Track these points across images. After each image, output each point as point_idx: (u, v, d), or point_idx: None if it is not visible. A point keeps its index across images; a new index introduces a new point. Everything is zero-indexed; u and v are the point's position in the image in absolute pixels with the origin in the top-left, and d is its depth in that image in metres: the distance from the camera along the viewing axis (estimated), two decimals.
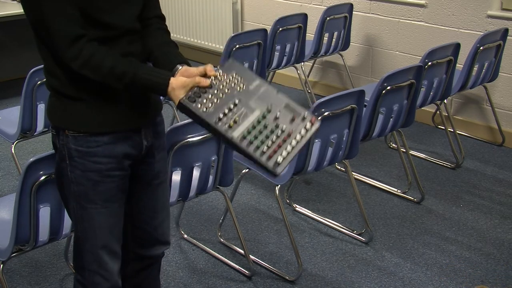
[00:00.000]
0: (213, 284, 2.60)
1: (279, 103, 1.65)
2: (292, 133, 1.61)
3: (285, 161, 1.56)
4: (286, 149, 1.58)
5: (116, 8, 1.62)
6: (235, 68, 1.67)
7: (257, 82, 1.66)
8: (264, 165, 1.54)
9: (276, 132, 1.60)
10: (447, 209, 3.19)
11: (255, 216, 3.13)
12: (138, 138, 1.71)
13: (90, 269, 1.74)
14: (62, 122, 1.66)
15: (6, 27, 4.94)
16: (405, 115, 2.99)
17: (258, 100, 1.63)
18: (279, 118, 1.62)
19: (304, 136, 1.62)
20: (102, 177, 1.66)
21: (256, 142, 1.56)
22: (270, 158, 1.55)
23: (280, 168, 1.54)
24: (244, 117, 1.59)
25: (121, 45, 1.64)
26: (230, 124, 1.56)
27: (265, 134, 1.58)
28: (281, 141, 1.58)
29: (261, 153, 1.55)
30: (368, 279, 2.63)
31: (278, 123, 1.61)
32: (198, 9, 5.47)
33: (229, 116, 1.57)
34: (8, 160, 3.70)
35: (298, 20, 3.92)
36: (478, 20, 3.89)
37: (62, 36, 1.53)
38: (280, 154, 1.56)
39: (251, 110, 1.61)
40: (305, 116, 1.66)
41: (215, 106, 1.57)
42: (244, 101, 1.61)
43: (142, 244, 1.90)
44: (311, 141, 2.44)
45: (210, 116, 1.55)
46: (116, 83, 1.58)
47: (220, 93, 1.60)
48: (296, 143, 1.60)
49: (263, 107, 1.62)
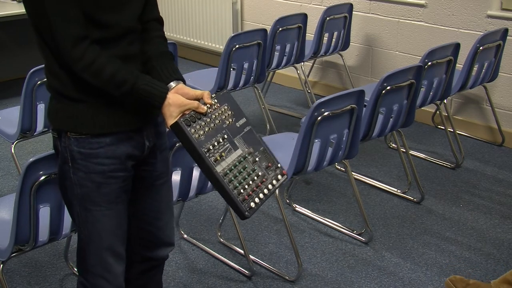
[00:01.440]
0: (213, 284, 2.60)
1: (258, 147, 1.71)
2: (265, 181, 1.67)
3: (256, 207, 1.62)
4: (259, 196, 1.64)
5: (118, 7, 1.61)
6: (228, 101, 1.71)
7: (243, 121, 1.71)
8: (238, 205, 1.58)
9: (253, 176, 1.65)
10: (447, 209, 3.19)
11: (255, 216, 3.13)
12: (140, 138, 1.71)
13: (94, 272, 1.73)
14: (63, 125, 1.65)
15: (6, 27, 4.94)
16: (405, 115, 2.99)
17: (241, 140, 1.68)
18: (257, 162, 1.68)
19: (274, 186, 1.70)
20: (106, 178, 1.66)
21: (235, 182, 1.60)
22: (244, 201, 1.60)
23: (251, 213, 1.60)
24: (228, 153, 1.63)
25: (122, 46, 1.64)
26: (216, 158, 1.59)
27: (243, 176, 1.63)
28: (255, 187, 1.64)
29: (238, 193, 1.59)
30: (368, 279, 2.63)
31: (255, 167, 1.67)
32: (198, 9, 5.47)
33: (217, 149, 1.60)
34: (8, 160, 3.70)
35: (298, 20, 3.92)
36: (478, 20, 3.89)
37: (65, 37, 1.52)
38: (253, 200, 1.61)
39: (234, 148, 1.65)
40: (278, 166, 1.73)
41: (206, 135, 1.60)
42: (230, 137, 1.65)
43: (147, 246, 1.90)
44: (311, 141, 2.45)
45: (201, 144, 1.57)
46: (114, 91, 1.58)
47: (212, 123, 1.63)
48: (267, 192, 1.67)
49: (245, 148, 1.67)
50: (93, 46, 1.56)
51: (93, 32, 1.57)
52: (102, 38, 1.59)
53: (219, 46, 5.32)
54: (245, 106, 4.67)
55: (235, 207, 1.59)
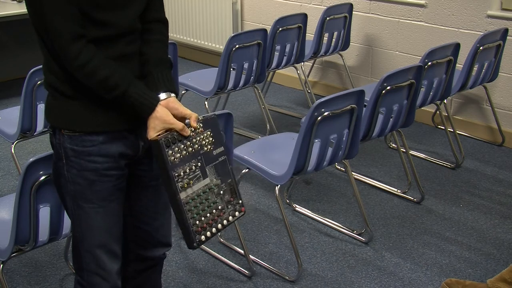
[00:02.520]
0: (213, 284, 2.60)
1: (226, 178, 1.72)
2: (222, 215, 1.69)
3: (206, 240, 1.65)
4: (211, 230, 1.66)
5: (117, 6, 1.61)
6: (212, 127, 1.71)
7: (221, 149, 1.72)
8: (190, 234, 1.61)
9: (212, 208, 1.67)
10: (447, 209, 3.19)
11: (255, 216, 3.13)
12: (134, 138, 1.71)
13: (89, 269, 1.74)
14: (58, 121, 1.66)
15: (6, 27, 4.94)
16: (405, 115, 2.99)
17: (213, 169, 1.69)
18: (221, 195, 1.70)
19: (229, 222, 1.72)
20: (99, 176, 1.66)
21: (194, 211, 1.62)
22: (196, 233, 1.62)
23: (198, 245, 1.63)
24: (196, 181, 1.64)
25: (120, 45, 1.63)
26: (184, 185, 1.60)
27: (203, 206, 1.65)
28: (211, 220, 1.66)
29: (193, 223, 1.61)
30: (368, 279, 2.63)
31: (217, 200, 1.69)
32: (198, 9, 5.47)
33: (187, 175, 1.61)
34: (8, 160, 3.70)
35: (298, 20, 3.92)
36: (478, 20, 3.89)
37: (62, 34, 1.52)
38: (205, 234, 1.64)
39: (204, 176, 1.66)
40: (239, 202, 1.75)
41: (181, 159, 1.61)
42: (203, 165, 1.66)
43: (143, 245, 1.90)
44: (311, 141, 2.45)
45: (173, 169, 1.58)
46: (105, 94, 1.58)
47: (190, 148, 1.63)
48: (221, 227, 1.69)
49: (214, 178, 1.69)
50: (90, 46, 1.56)
51: (91, 31, 1.56)
52: (100, 37, 1.58)
53: (219, 46, 5.32)
54: (245, 106, 4.68)
55: (187, 235, 1.61)
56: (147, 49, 1.71)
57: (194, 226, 1.61)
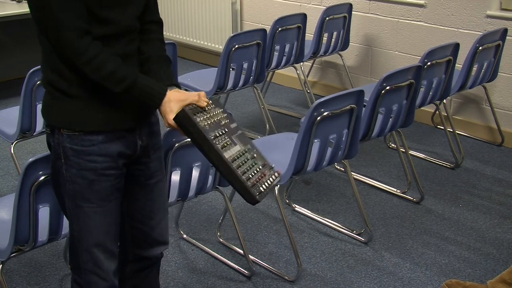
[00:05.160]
0: (212, 284, 2.60)
1: (252, 147, 1.74)
2: (265, 175, 1.69)
3: (265, 192, 1.63)
4: (266, 182, 1.66)
5: (120, 5, 1.63)
6: (220, 106, 1.74)
7: (235, 125, 1.74)
8: (249, 190, 1.59)
9: (256, 167, 1.67)
10: (446, 209, 3.19)
11: (254, 216, 3.13)
12: (132, 138, 1.72)
13: (86, 268, 1.74)
14: (57, 121, 1.66)
15: (6, 27, 4.94)
16: (404, 115, 2.99)
17: (237, 138, 1.71)
18: (255, 158, 1.71)
19: (272, 183, 1.71)
20: (98, 175, 1.66)
21: (244, 167, 1.62)
22: (254, 185, 1.61)
23: (261, 197, 1.61)
24: (230, 145, 1.65)
25: (121, 44, 1.64)
26: (224, 145, 1.61)
27: (249, 165, 1.65)
28: (259, 177, 1.66)
29: (247, 178, 1.60)
30: (367, 279, 2.63)
31: (255, 162, 1.69)
32: (197, 9, 5.47)
33: (221, 139, 1.62)
34: (8, 160, 3.70)
35: (297, 20, 3.92)
36: (477, 20, 3.89)
37: (70, 30, 1.53)
38: (262, 185, 1.63)
39: (234, 143, 1.67)
40: (272, 167, 1.75)
41: (209, 126, 1.62)
42: (228, 134, 1.68)
43: (140, 245, 1.90)
44: (310, 141, 2.45)
45: (207, 132, 1.59)
46: (114, 87, 1.59)
47: (212, 119, 1.65)
48: (268, 185, 1.68)
49: (242, 145, 1.70)
50: (96, 42, 1.57)
51: (95, 28, 1.58)
52: (103, 35, 1.60)
53: (219, 46, 5.31)
54: (244, 106, 4.68)
55: (245, 192, 1.60)
56: (147, 48, 1.74)
57: (249, 181, 1.60)
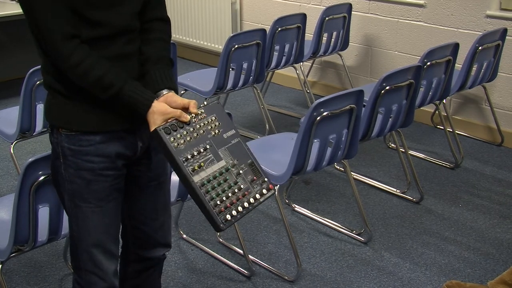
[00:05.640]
0: (212, 284, 2.60)
1: (245, 159, 1.70)
2: (248, 194, 1.65)
3: (233, 219, 1.60)
4: (237, 208, 1.61)
5: (112, 5, 1.59)
6: (217, 111, 1.70)
7: (232, 132, 1.70)
8: (213, 217, 1.57)
9: (234, 188, 1.63)
10: (446, 209, 3.19)
11: (254, 216, 3.13)
12: (132, 139, 1.70)
13: (86, 268, 1.74)
14: (56, 120, 1.66)
15: (6, 27, 4.94)
16: (404, 115, 2.99)
17: (227, 151, 1.67)
18: (241, 174, 1.67)
19: (257, 200, 1.67)
20: (95, 176, 1.66)
21: (212, 193, 1.59)
22: (220, 213, 1.58)
23: (226, 225, 1.58)
24: (209, 164, 1.61)
25: (118, 44, 1.62)
26: (194, 167, 1.58)
27: (222, 188, 1.61)
28: (235, 199, 1.62)
29: (214, 204, 1.58)
30: (367, 279, 2.63)
31: (237, 180, 1.65)
32: (197, 9, 5.47)
33: (196, 159, 1.59)
34: (7, 160, 3.70)
35: (297, 20, 3.92)
36: (477, 20, 3.89)
37: (53, 34, 1.51)
38: (229, 212, 1.60)
39: (217, 159, 1.64)
40: (265, 180, 1.71)
41: (186, 144, 1.59)
42: (214, 148, 1.64)
43: (142, 245, 1.90)
44: (310, 141, 2.45)
45: (178, 153, 1.57)
46: (100, 94, 1.57)
47: (195, 133, 1.62)
48: (248, 205, 1.64)
49: (229, 160, 1.66)
50: (82, 46, 1.54)
51: (84, 31, 1.55)
52: (95, 37, 1.57)
53: (218, 46, 5.32)
54: (244, 106, 4.68)
55: (210, 218, 1.58)
56: (147, 48, 1.70)
57: (216, 208, 1.58)
